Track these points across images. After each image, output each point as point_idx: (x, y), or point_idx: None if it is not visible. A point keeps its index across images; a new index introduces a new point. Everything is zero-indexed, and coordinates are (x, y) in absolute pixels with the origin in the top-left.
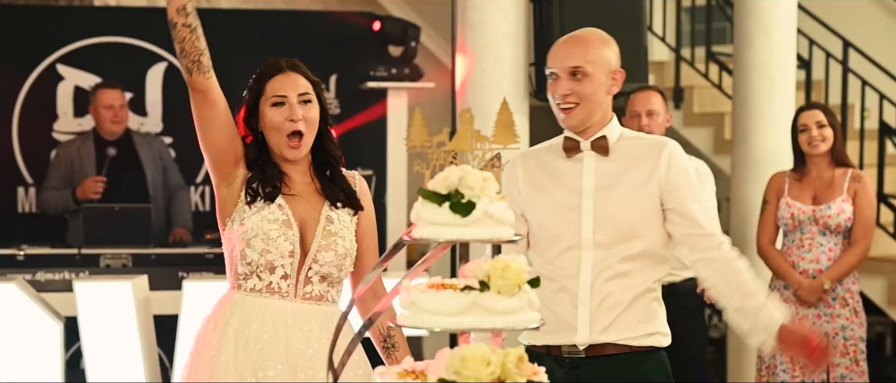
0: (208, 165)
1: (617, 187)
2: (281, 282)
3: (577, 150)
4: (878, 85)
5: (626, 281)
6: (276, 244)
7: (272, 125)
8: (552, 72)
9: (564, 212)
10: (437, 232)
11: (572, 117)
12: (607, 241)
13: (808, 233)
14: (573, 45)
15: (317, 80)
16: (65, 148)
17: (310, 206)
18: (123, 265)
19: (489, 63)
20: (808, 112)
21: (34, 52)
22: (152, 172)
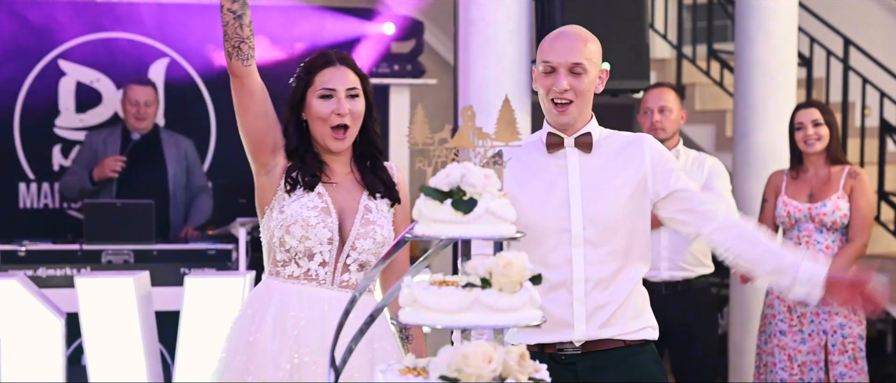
0: (247, 152)
1: (602, 183)
2: (319, 269)
3: (560, 146)
4: (878, 83)
5: (619, 275)
6: (315, 231)
7: (318, 116)
8: (550, 66)
9: (552, 210)
10: (439, 229)
11: (567, 114)
12: (596, 237)
13: (805, 230)
14: (572, 40)
15: (364, 75)
16: (92, 136)
17: (349, 195)
18: (125, 261)
19: (491, 60)
20: (805, 110)
21: (36, 47)
22: (174, 171)
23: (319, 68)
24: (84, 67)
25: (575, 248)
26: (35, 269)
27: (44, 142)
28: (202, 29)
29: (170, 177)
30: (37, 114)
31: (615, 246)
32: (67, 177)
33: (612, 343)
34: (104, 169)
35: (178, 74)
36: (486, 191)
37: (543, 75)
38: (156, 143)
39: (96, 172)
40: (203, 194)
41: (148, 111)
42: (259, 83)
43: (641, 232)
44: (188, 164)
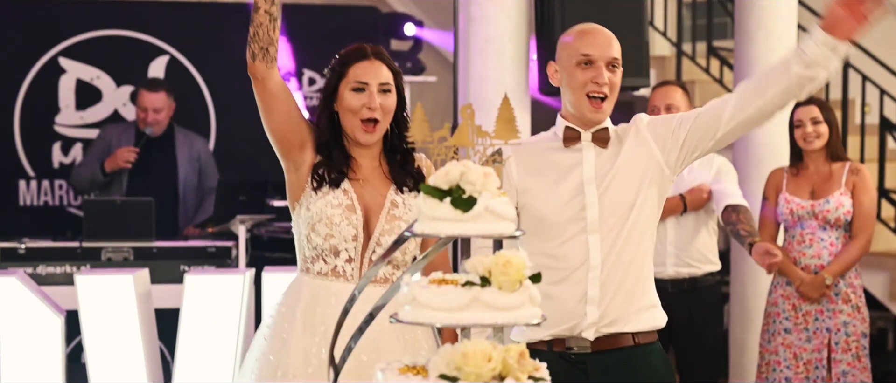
0: (276, 151)
1: (614, 171)
2: (345, 265)
3: (577, 141)
4: (878, 80)
5: (634, 263)
6: (339, 228)
7: (349, 108)
8: (589, 58)
9: (567, 201)
10: (438, 227)
11: (602, 110)
12: (612, 225)
13: (808, 228)
14: (607, 35)
15: (398, 70)
16: (107, 131)
17: (375, 191)
18: (125, 258)
19: (491, 57)
20: (804, 107)
21: (36, 45)
22: (186, 171)
23: (354, 61)
24: (84, 65)
25: (591, 235)
26: (35, 267)
27: (44, 140)
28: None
29: (180, 177)
30: (37, 111)
31: (629, 230)
32: (79, 169)
33: (622, 341)
34: (117, 159)
35: (179, 71)
36: (485, 189)
37: (579, 68)
38: (169, 142)
39: (108, 163)
40: (213, 195)
41: (158, 117)
42: (281, 83)
43: (653, 220)
44: (201, 166)
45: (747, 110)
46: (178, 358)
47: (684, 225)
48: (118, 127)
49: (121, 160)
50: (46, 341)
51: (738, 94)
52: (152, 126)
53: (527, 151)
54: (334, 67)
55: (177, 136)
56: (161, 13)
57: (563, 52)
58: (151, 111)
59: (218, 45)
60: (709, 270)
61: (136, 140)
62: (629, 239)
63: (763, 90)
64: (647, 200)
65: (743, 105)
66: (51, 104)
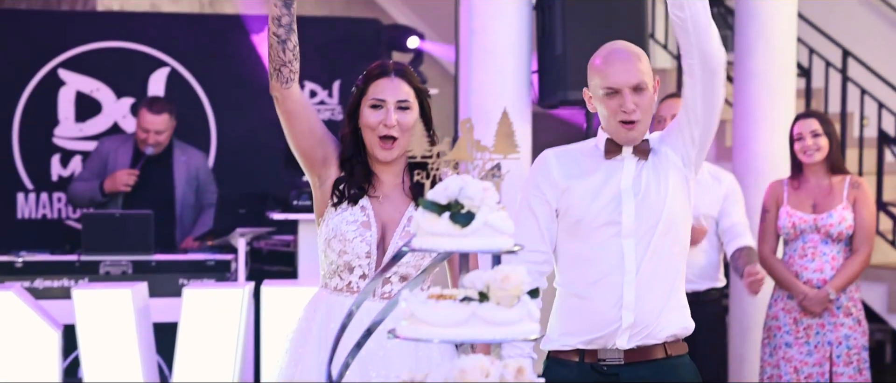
0: (302, 167)
1: (652, 180)
2: (360, 281)
3: (618, 152)
4: (876, 93)
5: (668, 267)
6: (353, 245)
7: (367, 125)
8: (613, 88)
9: (604, 205)
10: (437, 242)
11: (636, 130)
12: (646, 231)
13: (810, 241)
14: (628, 60)
15: (421, 88)
16: (103, 145)
17: (394, 208)
18: (123, 272)
19: (492, 70)
20: (804, 121)
21: (36, 56)
22: (183, 189)
23: (374, 78)
24: (84, 77)
25: (625, 239)
26: (32, 280)
27: (43, 152)
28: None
29: (177, 194)
30: (36, 123)
31: (662, 238)
32: (77, 185)
33: (654, 353)
34: (116, 182)
35: (179, 84)
36: (484, 204)
37: (606, 98)
38: (167, 158)
39: (108, 184)
40: (211, 209)
41: (159, 138)
42: (300, 103)
43: (685, 223)
44: (199, 182)
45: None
46: (177, 372)
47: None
48: (115, 140)
49: (120, 183)
50: (43, 355)
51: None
52: (153, 147)
53: (569, 156)
54: (357, 84)
55: (175, 153)
56: (161, 25)
57: (591, 80)
58: (153, 133)
59: (218, 58)
60: (711, 286)
61: (134, 154)
62: (662, 243)
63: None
64: (676, 203)
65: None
66: (50, 116)
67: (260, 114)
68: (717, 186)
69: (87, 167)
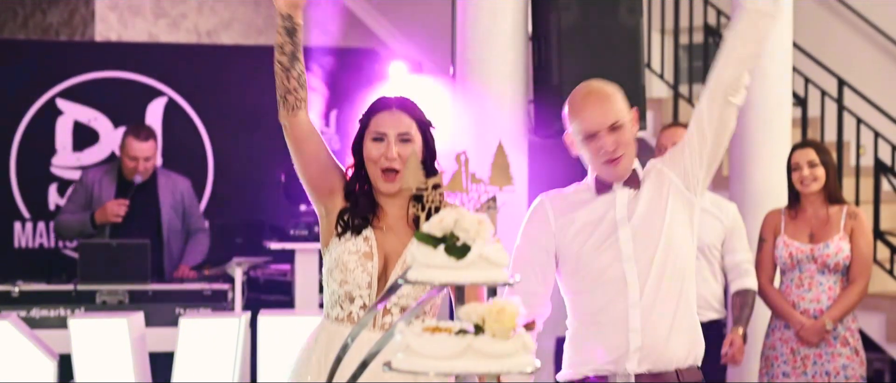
0: (309, 197)
1: (642, 205)
2: (360, 312)
3: (609, 188)
4: (872, 123)
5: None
6: (354, 275)
7: (369, 157)
8: (590, 132)
9: (602, 237)
10: (432, 274)
11: (621, 167)
12: (646, 253)
13: (807, 272)
14: (601, 101)
15: (424, 120)
16: (87, 175)
17: (398, 240)
18: (120, 301)
19: (488, 100)
20: (801, 151)
21: (34, 86)
22: (169, 215)
23: (376, 112)
24: (82, 106)
25: (626, 263)
26: (28, 310)
27: (40, 181)
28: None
29: (164, 221)
30: (33, 152)
31: (664, 259)
32: (64, 218)
33: (666, 378)
34: (107, 213)
35: (176, 113)
36: (479, 236)
37: (586, 142)
38: (152, 186)
39: (98, 215)
40: (200, 234)
41: (147, 165)
42: (308, 131)
43: (687, 243)
44: (185, 208)
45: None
46: None
47: None
48: (98, 170)
49: (111, 214)
50: None
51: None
52: (142, 174)
53: (559, 199)
54: (361, 118)
55: (159, 180)
56: (159, 55)
57: (570, 126)
58: (142, 160)
59: (215, 87)
60: (712, 318)
61: (119, 183)
62: (664, 267)
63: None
64: (676, 227)
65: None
66: (48, 145)
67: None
68: (720, 217)
69: (72, 199)
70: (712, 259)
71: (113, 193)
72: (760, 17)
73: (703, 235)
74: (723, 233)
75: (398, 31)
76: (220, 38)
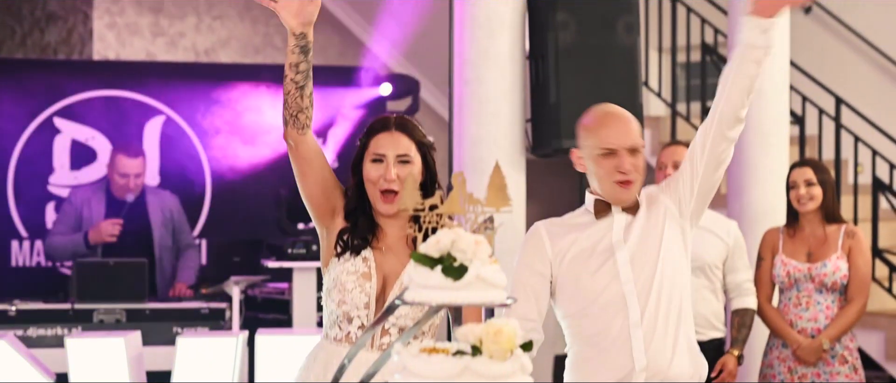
0: (311, 216)
1: (644, 229)
2: (358, 332)
3: (607, 212)
4: (870, 141)
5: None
6: (352, 295)
7: (368, 178)
8: (609, 149)
9: (600, 261)
10: (429, 295)
11: (631, 191)
12: (644, 275)
13: (805, 290)
14: (625, 122)
15: (424, 141)
16: (74, 196)
17: (397, 260)
18: (117, 320)
19: (486, 119)
20: (798, 169)
21: (32, 105)
22: (160, 232)
23: (375, 133)
24: (79, 125)
25: (625, 285)
26: (25, 329)
27: (37, 200)
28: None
29: (155, 239)
30: (31, 171)
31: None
32: (55, 240)
33: None
34: (102, 233)
35: (174, 132)
36: (476, 257)
37: (602, 158)
38: (142, 204)
39: (92, 235)
40: (190, 250)
41: (138, 182)
42: (314, 150)
43: (683, 266)
44: (174, 225)
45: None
46: None
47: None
48: (86, 189)
49: (105, 234)
50: None
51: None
52: (132, 191)
53: (558, 224)
54: (360, 139)
55: (148, 199)
56: (156, 74)
57: (584, 141)
58: (133, 177)
59: (213, 106)
60: (714, 337)
61: (108, 202)
62: (662, 289)
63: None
64: (672, 251)
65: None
66: (45, 164)
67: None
68: (721, 235)
69: (60, 220)
70: (713, 278)
71: (103, 212)
72: (752, 50)
73: (704, 254)
74: (724, 251)
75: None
76: (218, 57)
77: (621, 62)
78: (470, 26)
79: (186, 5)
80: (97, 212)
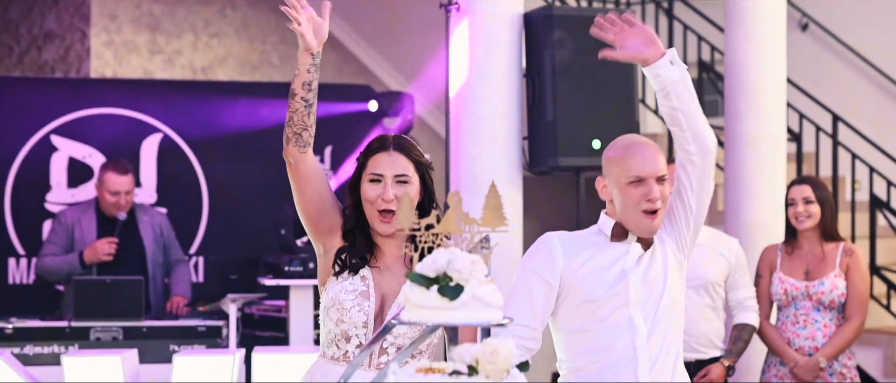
0: (308, 235)
1: (653, 261)
2: (356, 350)
3: (624, 238)
4: (867, 158)
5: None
6: (350, 315)
7: (366, 198)
8: (639, 177)
9: (611, 282)
10: (425, 315)
11: (657, 220)
12: (651, 303)
13: (802, 308)
14: (655, 151)
15: (422, 161)
16: (64, 216)
17: (395, 279)
18: (114, 338)
19: (483, 138)
20: (797, 187)
21: (29, 122)
22: (152, 250)
23: (373, 152)
24: (76, 143)
25: (633, 309)
26: (22, 347)
27: (34, 218)
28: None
29: (148, 256)
30: (28, 188)
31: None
32: (49, 261)
33: None
34: (97, 252)
35: (171, 149)
36: (472, 277)
37: (630, 186)
38: (133, 223)
39: (87, 255)
40: (181, 265)
41: (128, 199)
42: (314, 169)
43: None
44: (165, 241)
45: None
46: None
47: (692, 308)
48: (75, 209)
49: (101, 253)
50: None
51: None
52: (123, 209)
53: (573, 241)
54: (358, 158)
55: (138, 215)
56: (153, 91)
57: (612, 169)
58: (123, 194)
59: (210, 123)
60: (714, 355)
61: (99, 221)
62: (667, 316)
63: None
64: (675, 282)
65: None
66: (42, 182)
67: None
68: (723, 253)
69: (52, 241)
70: (715, 296)
71: (94, 231)
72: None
73: (706, 272)
74: (726, 269)
75: (393, 67)
76: (216, 74)
77: (618, 79)
78: (467, 43)
79: (183, 23)
80: (89, 231)
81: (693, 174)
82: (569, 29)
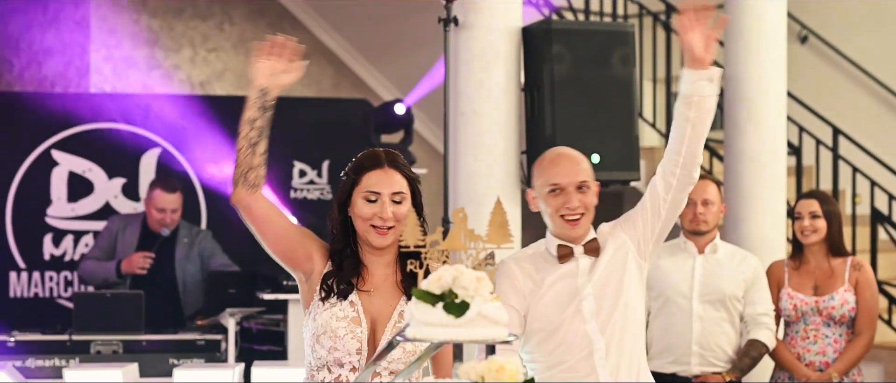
0: (284, 267)
1: (607, 269)
2: (350, 374)
3: (571, 256)
4: (868, 171)
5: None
6: (343, 342)
7: (361, 216)
8: (557, 186)
9: (566, 301)
10: (431, 332)
11: (580, 227)
12: (606, 314)
13: (812, 324)
14: (574, 160)
15: (413, 177)
16: (113, 221)
17: (384, 302)
18: (114, 352)
19: (481, 152)
20: (804, 201)
21: (29, 137)
22: (186, 267)
23: (368, 169)
24: (76, 157)
25: (588, 324)
26: (24, 360)
27: (35, 232)
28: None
29: (179, 272)
30: (29, 203)
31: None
32: (90, 264)
33: None
34: (132, 265)
35: (170, 164)
36: (478, 293)
37: (550, 195)
38: (172, 240)
39: (125, 266)
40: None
41: (175, 217)
42: (268, 209)
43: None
44: (203, 257)
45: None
46: None
47: (708, 322)
48: (122, 219)
49: (136, 266)
50: None
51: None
52: (168, 226)
53: (527, 263)
54: (349, 173)
55: (180, 233)
56: (152, 106)
57: (535, 180)
58: (169, 212)
59: (209, 138)
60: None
61: (141, 235)
62: (622, 325)
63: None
64: (632, 288)
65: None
66: (43, 196)
67: None
68: (741, 267)
69: (97, 245)
70: (733, 310)
71: (134, 244)
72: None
73: (725, 286)
74: (744, 284)
75: (390, 82)
76: (214, 89)
77: (617, 94)
78: (465, 58)
79: (182, 38)
80: (129, 243)
81: (670, 192)
82: (567, 43)
